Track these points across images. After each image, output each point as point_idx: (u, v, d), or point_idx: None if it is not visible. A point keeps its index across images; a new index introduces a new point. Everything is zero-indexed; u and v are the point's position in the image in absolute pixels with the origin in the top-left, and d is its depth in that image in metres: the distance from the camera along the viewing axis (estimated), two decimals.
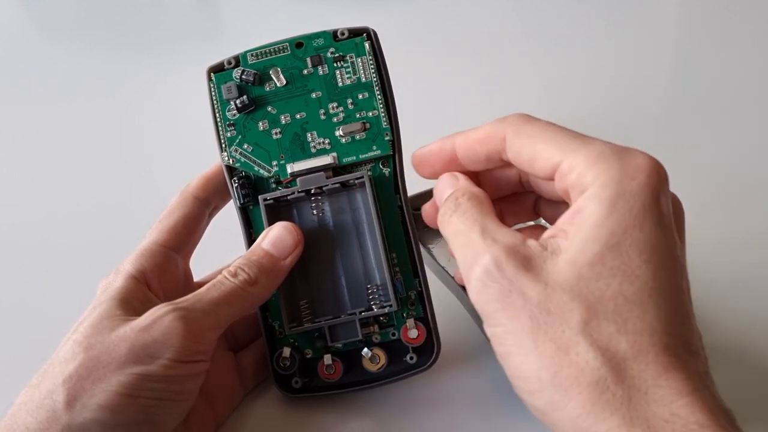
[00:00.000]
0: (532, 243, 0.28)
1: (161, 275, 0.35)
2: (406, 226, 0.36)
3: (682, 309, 0.27)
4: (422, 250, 0.43)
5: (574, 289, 0.27)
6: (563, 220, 0.29)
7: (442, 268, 0.43)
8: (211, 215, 0.38)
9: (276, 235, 0.34)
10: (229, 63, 0.37)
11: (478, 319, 0.40)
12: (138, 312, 0.31)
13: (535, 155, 0.30)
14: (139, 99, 0.68)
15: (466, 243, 0.30)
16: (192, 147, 0.43)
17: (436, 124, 0.60)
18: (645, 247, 0.27)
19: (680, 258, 0.28)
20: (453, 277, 0.42)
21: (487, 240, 0.29)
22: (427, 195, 0.47)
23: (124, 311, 0.31)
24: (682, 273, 0.28)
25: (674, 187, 0.30)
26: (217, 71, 0.37)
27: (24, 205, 0.55)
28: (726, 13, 0.77)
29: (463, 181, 0.33)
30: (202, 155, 0.39)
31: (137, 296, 0.33)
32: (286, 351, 0.35)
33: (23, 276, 0.48)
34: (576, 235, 0.27)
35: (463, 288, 0.41)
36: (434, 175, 0.35)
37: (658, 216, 0.27)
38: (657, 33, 0.77)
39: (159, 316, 0.30)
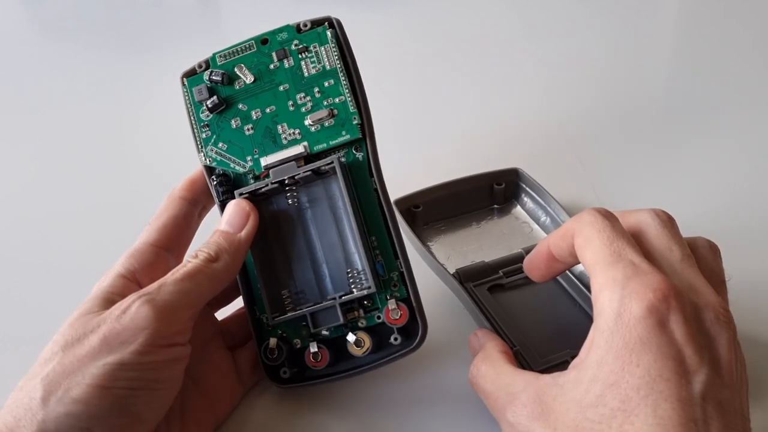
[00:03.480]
0: (545, 382, 0.30)
1: (153, 273, 0.35)
2: (383, 209, 0.36)
3: None
4: (422, 248, 0.43)
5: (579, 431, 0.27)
6: (583, 349, 0.29)
7: (441, 265, 0.42)
8: (200, 215, 0.39)
9: (228, 213, 0.35)
10: (200, 66, 0.38)
11: (476, 319, 0.39)
12: None
13: (584, 262, 0.31)
14: (140, 99, 0.69)
15: (492, 402, 0.32)
16: (193, 147, 0.44)
17: (437, 124, 0.60)
18: (642, 383, 0.26)
19: (697, 384, 0.26)
20: (452, 274, 0.41)
21: (504, 397, 0.31)
22: (427, 193, 0.47)
23: (106, 308, 0.32)
24: (697, 401, 0.26)
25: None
26: (190, 76, 0.38)
27: (24, 205, 0.56)
28: (725, 13, 0.75)
29: (481, 341, 0.36)
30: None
31: (123, 293, 0.33)
32: (273, 342, 0.36)
33: (23, 276, 0.48)
34: (584, 373, 0.28)
35: (462, 285, 0.41)
36: (543, 277, 0.36)
37: (660, 346, 0.26)
38: (657, 33, 0.75)
39: (127, 305, 0.31)
